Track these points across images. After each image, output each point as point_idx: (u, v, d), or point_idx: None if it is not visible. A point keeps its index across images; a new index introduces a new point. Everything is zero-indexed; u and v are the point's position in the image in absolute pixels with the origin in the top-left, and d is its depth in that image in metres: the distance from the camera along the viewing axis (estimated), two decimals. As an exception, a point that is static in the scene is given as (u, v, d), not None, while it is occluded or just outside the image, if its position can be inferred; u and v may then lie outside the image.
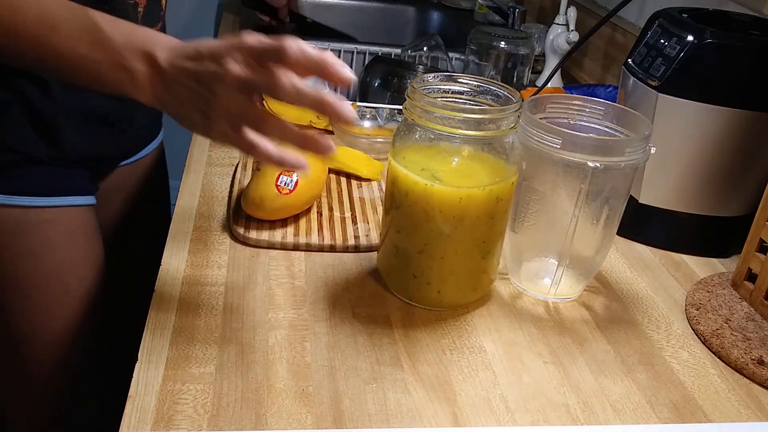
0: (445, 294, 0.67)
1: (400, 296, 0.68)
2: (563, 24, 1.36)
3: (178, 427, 0.52)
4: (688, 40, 0.75)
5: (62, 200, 0.86)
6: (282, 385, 0.57)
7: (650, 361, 0.64)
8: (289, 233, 0.76)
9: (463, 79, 0.67)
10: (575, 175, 0.64)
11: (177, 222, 0.77)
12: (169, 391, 0.55)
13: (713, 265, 0.81)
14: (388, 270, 0.69)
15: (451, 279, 0.66)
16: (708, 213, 0.82)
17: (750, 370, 0.63)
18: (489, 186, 0.62)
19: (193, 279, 0.68)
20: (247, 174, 0.86)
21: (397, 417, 0.55)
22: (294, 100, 0.55)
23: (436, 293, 0.66)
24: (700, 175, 0.79)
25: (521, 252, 0.73)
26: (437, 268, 0.65)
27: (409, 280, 0.67)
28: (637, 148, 0.65)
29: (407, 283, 0.67)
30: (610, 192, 0.67)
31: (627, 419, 0.57)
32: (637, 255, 0.82)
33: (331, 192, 0.85)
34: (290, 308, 0.66)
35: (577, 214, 0.65)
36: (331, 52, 0.55)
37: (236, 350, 0.60)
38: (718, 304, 0.71)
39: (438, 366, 0.61)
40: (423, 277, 0.66)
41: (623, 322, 0.69)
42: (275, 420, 0.53)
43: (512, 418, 0.56)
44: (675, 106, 0.77)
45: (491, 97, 0.66)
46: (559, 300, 0.71)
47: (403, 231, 0.66)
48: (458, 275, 0.66)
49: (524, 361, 0.62)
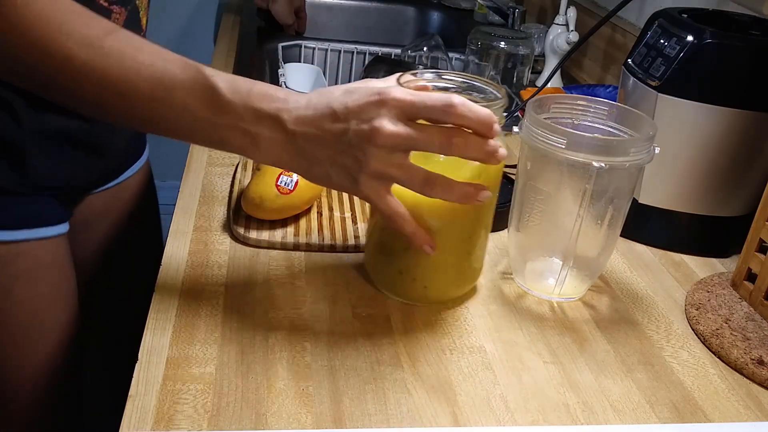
0: (432, 289, 0.67)
1: (387, 292, 0.68)
2: (563, 24, 1.36)
3: (178, 426, 0.52)
4: (687, 40, 0.75)
5: (33, 233, 0.80)
6: (282, 385, 0.57)
7: (650, 361, 0.64)
8: (289, 233, 0.76)
9: (448, 76, 0.67)
10: (580, 175, 0.65)
11: (177, 222, 0.77)
12: (170, 391, 0.55)
13: (713, 265, 0.81)
14: (375, 267, 0.69)
15: (438, 274, 0.66)
16: (708, 213, 0.82)
17: (750, 370, 0.63)
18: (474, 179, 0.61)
19: (194, 279, 0.68)
20: (247, 174, 0.86)
21: (397, 417, 0.55)
22: (462, 154, 0.55)
23: (422, 288, 0.67)
24: (699, 175, 0.80)
25: (525, 252, 0.73)
26: (423, 264, 0.65)
27: (395, 276, 0.67)
28: (641, 148, 0.65)
29: (393, 279, 0.67)
30: (614, 192, 0.67)
31: (627, 419, 0.57)
32: (637, 255, 0.82)
33: (331, 192, 0.85)
34: (290, 308, 0.66)
35: (582, 214, 0.66)
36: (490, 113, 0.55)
37: (236, 350, 0.60)
38: (717, 304, 0.72)
39: (438, 366, 0.61)
40: (409, 273, 0.66)
41: (623, 322, 0.70)
42: (275, 420, 0.53)
43: (512, 417, 0.56)
44: (675, 106, 0.77)
45: (477, 93, 0.65)
46: (564, 300, 0.71)
47: (388, 227, 0.64)
48: (445, 270, 0.66)
49: (524, 361, 0.62)
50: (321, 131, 0.54)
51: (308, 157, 0.56)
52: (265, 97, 0.56)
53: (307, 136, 0.55)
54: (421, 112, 0.54)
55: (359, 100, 0.54)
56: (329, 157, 0.55)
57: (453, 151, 0.55)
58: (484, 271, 0.73)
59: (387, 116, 0.53)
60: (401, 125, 0.53)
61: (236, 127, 0.55)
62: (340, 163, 0.55)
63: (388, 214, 0.57)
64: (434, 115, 0.54)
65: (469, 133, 0.55)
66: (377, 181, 0.55)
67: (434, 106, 0.53)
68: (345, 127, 0.54)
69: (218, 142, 0.57)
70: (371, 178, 0.55)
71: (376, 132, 0.53)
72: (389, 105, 0.53)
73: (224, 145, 0.57)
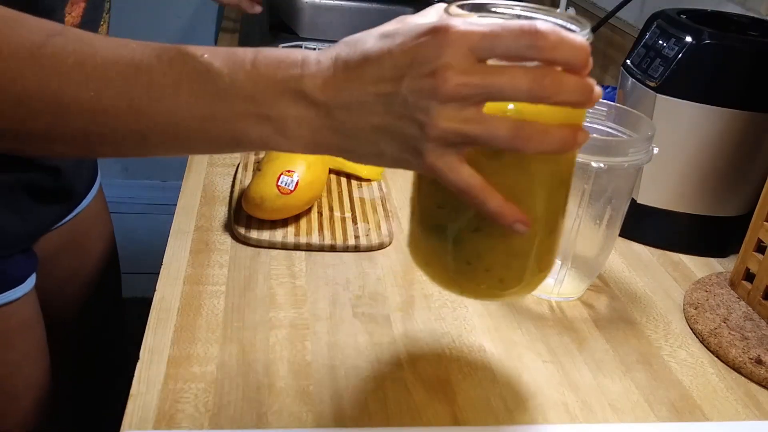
0: (510, 281, 0.50)
1: (449, 289, 0.52)
2: (562, 25, 1.35)
3: (179, 425, 0.52)
4: (686, 41, 0.76)
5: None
6: (283, 384, 0.57)
7: (648, 361, 0.65)
8: (289, 233, 0.76)
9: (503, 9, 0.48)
10: (579, 176, 0.65)
11: (178, 222, 0.77)
12: (171, 390, 0.55)
13: (711, 264, 0.82)
14: (429, 259, 0.52)
15: (518, 262, 0.50)
16: (706, 213, 0.82)
17: (748, 369, 0.64)
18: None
19: (195, 278, 0.68)
20: (248, 174, 0.86)
21: (397, 416, 0.55)
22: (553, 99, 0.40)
23: (498, 282, 0.50)
24: (698, 175, 0.80)
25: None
26: (500, 250, 0.49)
27: (462, 268, 0.50)
28: (640, 148, 0.65)
29: (459, 272, 0.50)
30: (613, 192, 0.67)
31: (625, 418, 0.58)
32: (636, 255, 0.82)
33: (331, 192, 0.86)
34: (291, 307, 0.66)
35: (581, 214, 0.66)
36: None
37: (237, 349, 0.60)
38: (716, 303, 0.72)
39: (438, 365, 0.61)
40: (481, 263, 0.49)
41: (622, 322, 0.70)
42: (276, 418, 0.54)
43: (511, 416, 0.56)
44: (673, 106, 0.77)
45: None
46: (563, 299, 0.72)
47: (448, 205, 0.48)
48: (525, 257, 0.50)
49: (523, 361, 0.63)
50: (362, 95, 0.41)
51: (351, 133, 0.42)
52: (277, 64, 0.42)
53: (344, 106, 0.41)
54: (497, 48, 0.39)
55: (407, 44, 0.40)
56: (378, 127, 0.41)
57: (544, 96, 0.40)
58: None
59: (451, 58, 0.39)
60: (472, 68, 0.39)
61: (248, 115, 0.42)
62: (395, 132, 0.41)
63: (465, 187, 0.42)
64: (514, 49, 0.39)
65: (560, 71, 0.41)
66: (448, 149, 0.41)
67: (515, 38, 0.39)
68: (395, 82, 0.40)
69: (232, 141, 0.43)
70: (440, 145, 0.41)
71: (442, 81, 0.39)
72: (452, 42, 0.39)
73: (240, 143, 0.44)
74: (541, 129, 0.41)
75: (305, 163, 0.77)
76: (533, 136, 0.41)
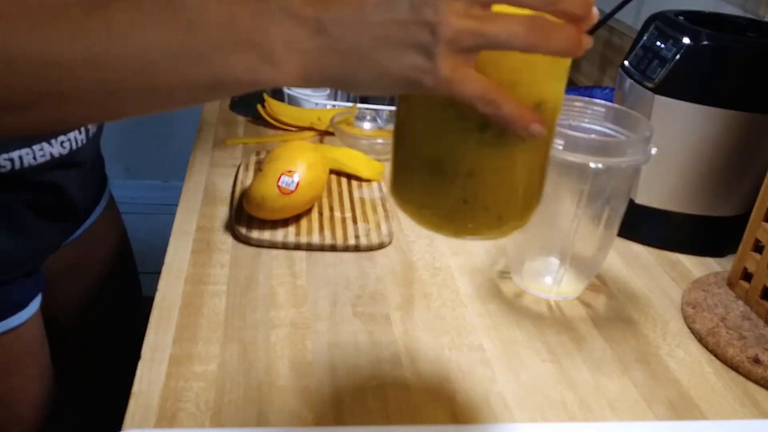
0: (507, 218, 0.48)
1: (443, 233, 0.49)
2: (561, 26, 1.36)
3: (180, 424, 0.52)
4: (684, 42, 0.76)
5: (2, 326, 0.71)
6: (283, 383, 0.57)
7: (647, 360, 0.65)
8: (290, 233, 0.76)
9: None
10: (577, 176, 0.65)
11: (180, 222, 0.78)
12: (172, 389, 0.55)
13: (709, 264, 0.82)
14: (420, 199, 0.48)
15: (512, 198, 0.48)
16: (704, 213, 0.82)
17: (745, 368, 0.64)
18: None
19: (196, 278, 0.69)
20: (249, 175, 0.86)
21: (397, 414, 0.56)
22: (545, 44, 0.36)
23: (495, 219, 0.48)
24: (696, 175, 0.80)
25: (524, 251, 0.73)
26: (497, 186, 0.46)
27: (458, 207, 0.47)
28: (638, 149, 0.65)
29: (454, 211, 0.47)
30: (611, 192, 0.67)
31: (624, 416, 0.58)
32: (634, 254, 0.82)
33: (331, 192, 0.86)
34: (291, 307, 0.66)
35: (579, 214, 0.66)
36: None
37: (238, 348, 0.60)
38: (713, 303, 0.72)
39: (437, 364, 0.61)
40: (478, 200, 0.47)
41: (620, 321, 0.70)
42: (277, 417, 0.54)
43: (510, 415, 0.57)
44: (671, 107, 0.77)
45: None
46: (561, 299, 0.72)
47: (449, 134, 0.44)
48: (517, 192, 0.48)
49: (522, 359, 0.63)
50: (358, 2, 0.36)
51: (348, 51, 0.36)
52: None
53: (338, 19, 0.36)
54: None
55: None
56: (380, 38, 0.36)
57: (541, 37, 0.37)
58: (482, 269, 0.74)
59: None
60: None
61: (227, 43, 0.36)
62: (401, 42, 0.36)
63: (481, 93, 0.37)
64: None
65: None
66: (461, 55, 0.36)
67: None
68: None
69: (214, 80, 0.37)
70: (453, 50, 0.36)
71: None
72: None
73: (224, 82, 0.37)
74: (553, 24, 0.37)
75: (306, 164, 0.77)
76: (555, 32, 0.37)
